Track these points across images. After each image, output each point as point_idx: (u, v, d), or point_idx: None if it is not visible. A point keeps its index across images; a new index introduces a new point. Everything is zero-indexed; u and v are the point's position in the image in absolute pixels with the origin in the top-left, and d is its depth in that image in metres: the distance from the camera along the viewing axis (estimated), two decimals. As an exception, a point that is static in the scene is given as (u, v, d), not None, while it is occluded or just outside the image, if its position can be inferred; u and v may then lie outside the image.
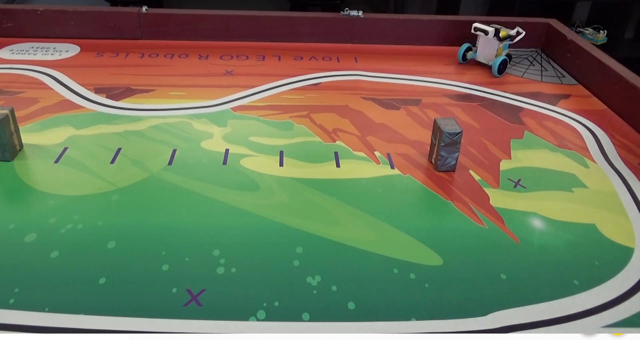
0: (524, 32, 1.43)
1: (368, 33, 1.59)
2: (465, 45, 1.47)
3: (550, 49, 1.59)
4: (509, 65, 1.45)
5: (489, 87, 1.34)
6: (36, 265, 0.73)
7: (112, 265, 0.73)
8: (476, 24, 1.42)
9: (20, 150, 1.00)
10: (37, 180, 0.91)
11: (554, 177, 0.98)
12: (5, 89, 1.23)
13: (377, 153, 1.03)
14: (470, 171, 0.98)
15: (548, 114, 1.23)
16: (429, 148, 1.01)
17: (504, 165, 1.00)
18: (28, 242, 0.77)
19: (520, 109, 1.24)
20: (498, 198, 0.90)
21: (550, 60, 1.55)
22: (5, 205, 0.87)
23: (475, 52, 1.46)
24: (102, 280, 0.70)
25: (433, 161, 0.98)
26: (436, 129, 0.97)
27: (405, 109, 1.21)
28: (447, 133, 0.93)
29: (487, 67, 1.46)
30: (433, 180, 0.95)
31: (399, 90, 1.31)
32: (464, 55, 1.47)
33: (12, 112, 0.97)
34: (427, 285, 0.72)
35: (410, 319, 0.67)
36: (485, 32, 1.40)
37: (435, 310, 0.68)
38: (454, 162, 0.96)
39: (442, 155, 0.95)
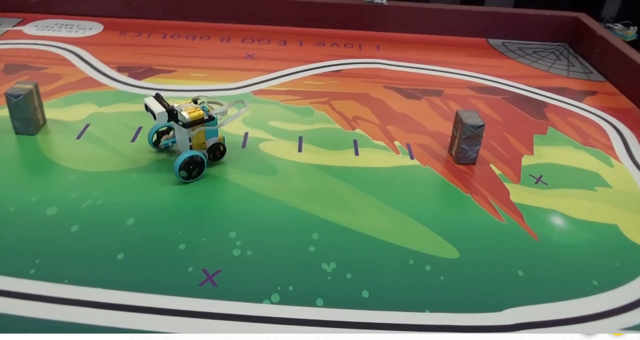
0: (243, 110, 0.89)
1: (391, 21, 1.57)
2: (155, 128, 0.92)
3: (577, 44, 1.56)
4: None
5: (513, 81, 1.32)
6: (57, 238, 0.74)
7: (131, 241, 0.74)
8: (146, 101, 0.85)
9: (43, 125, 1.00)
10: (59, 155, 0.92)
11: (576, 174, 0.96)
12: (30, 64, 1.24)
13: (396, 143, 1.02)
14: (491, 165, 0.97)
15: (573, 110, 1.21)
16: (449, 140, 1.00)
17: (526, 160, 0.99)
18: (49, 215, 0.78)
19: (545, 104, 1.22)
20: (518, 193, 0.89)
21: (577, 55, 1.52)
22: (28, 178, 0.88)
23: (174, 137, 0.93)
24: (121, 256, 0.71)
25: (453, 153, 0.97)
26: (458, 121, 0.95)
27: (426, 99, 1.20)
28: (469, 125, 0.92)
29: (512, 60, 1.43)
30: (452, 173, 0.94)
31: (421, 80, 1.30)
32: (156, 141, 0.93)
33: (36, 87, 0.98)
34: (442, 277, 0.71)
35: (424, 311, 0.66)
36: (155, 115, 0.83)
37: (449, 303, 0.68)
38: (475, 155, 0.95)
39: (463, 148, 0.94)
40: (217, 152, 0.91)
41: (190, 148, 0.87)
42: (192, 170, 0.86)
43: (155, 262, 0.71)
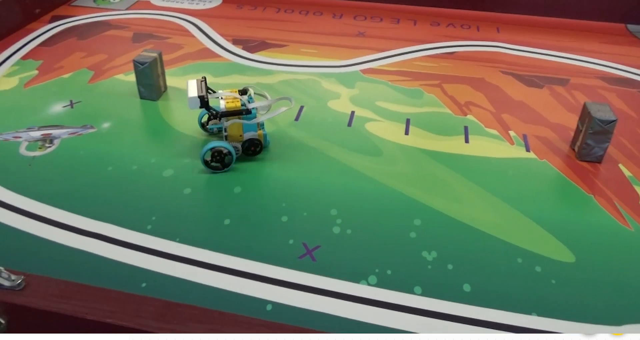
0: (284, 108, 0.85)
1: (514, 2, 1.46)
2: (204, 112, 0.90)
3: None
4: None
5: (652, 73, 1.18)
6: (171, 198, 0.78)
7: (237, 208, 0.77)
8: (188, 83, 0.85)
9: (164, 91, 1.07)
10: (177, 121, 0.98)
11: None
12: (155, 34, 1.32)
13: (511, 133, 0.96)
14: (620, 165, 0.87)
15: None
16: (572, 134, 0.92)
17: (662, 163, 0.88)
18: (166, 176, 0.83)
19: (690, 101, 1.08)
20: (649, 199, 0.80)
21: None
22: (149, 140, 0.94)
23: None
24: (227, 221, 0.74)
25: (576, 149, 0.89)
26: (585, 114, 0.87)
27: (549, 88, 1.11)
28: (599, 120, 0.84)
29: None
30: (574, 170, 0.86)
31: (544, 66, 1.20)
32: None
33: (160, 55, 1.04)
34: (554, 281, 0.66)
35: (530, 314, 0.62)
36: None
37: (560, 309, 0.63)
38: (602, 152, 0.87)
39: (589, 144, 0.86)
40: (252, 148, 0.85)
41: (225, 138, 0.85)
42: (219, 161, 0.83)
43: (258, 230, 0.73)
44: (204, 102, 0.82)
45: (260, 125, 0.87)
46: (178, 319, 0.52)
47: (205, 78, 0.85)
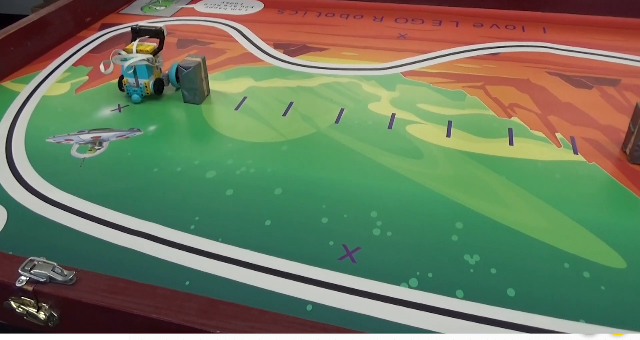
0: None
1: (561, 0, 1.42)
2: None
3: None
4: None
5: None
6: (214, 199, 0.80)
7: (277, 210, 0.78)
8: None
9: (207, 95, 1.09)
10: (220, 124, 1.00)
11: None
12: (199, 39, 1.36)
13: (558, 135, 0.93)
14: (675, 168, 0.83)
15: None
16: (623, 136, 0.88)
17: None
18: (209, 177, 0.85)
19: None
20: None
21: None
22: (193, 143, 0.96)
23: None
24: (268, 222, 0.75)
25: (628, 151, 0.86)
26: (637, 115, 0.83)
27: (598, 88, 1.07)
28: (652, 120, 0.80)
29: None
30: (625, 173, 0.83)
31: (593, 67, 1.16)
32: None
33: (204, 60, 1.06)
34: (603, 287, 0.64)
35: (578, 320, 0.60)
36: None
37: (609, 317, 0.60)
38: (655, 155, 0.83)
39: (641, 146, 0.83)
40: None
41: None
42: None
43: (299, 232, 0.74)
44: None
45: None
46: (220, 315, 0.53)
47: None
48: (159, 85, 1.08)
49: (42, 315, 0.57)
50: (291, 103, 1.06)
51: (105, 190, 0.82)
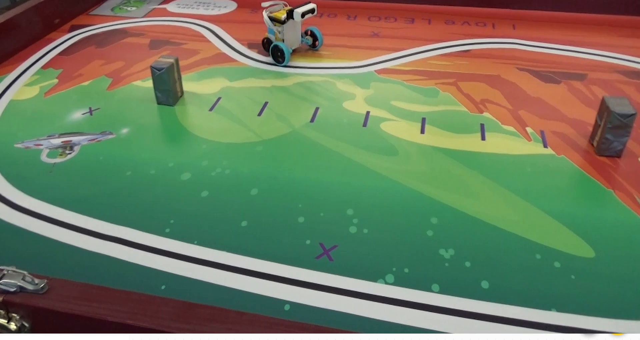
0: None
1: (530, -2, 1.45)
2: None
3: None
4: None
5: (673, 65, 1.15)
6: (189, 201, 0.79)
7: (254, 210, 0.77)
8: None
9: (181, 96, 1.08)
10: (194, 125, 0.99)
11: None
12: (171, 40, 1.34)
13: (528, 129, 0.95)
14: (640, 159, 0.86)
15: None
16: (591, 129, 0.90)
17: (684, 156, 0.86)
18: (183, 180, 0.84)
19: None
20: (672, 193, 0.78)
21: None
22: (166, 145, 0.96)
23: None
24: (244, 223, 0.75)
25: (595, 144, 0.88)
26: (604, 109, 0.86)
27: (566, 83, 1.09)
28: (617, 114, 0.82)
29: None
30: (592, 165, 0.85)
31: (561, 62, 1.18)
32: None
33: (176, 61, 1.05)
34: (573, 276, 0.65)
35: (549, 309, 0.61)
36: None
37: (580, 305, 0.62)
38: (621, 147, 0.85)
39: (608, 139, 0.85)
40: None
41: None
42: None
43: (276, 232, 0.74)
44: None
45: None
46: (197, 319, 0.53)
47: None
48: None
49: (12, 326, 0.56)
50: (266, 103, 1.05)
51: (77, 196, 0.81)
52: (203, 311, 0.54)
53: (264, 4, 1.21)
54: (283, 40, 1.19)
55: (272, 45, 1.19)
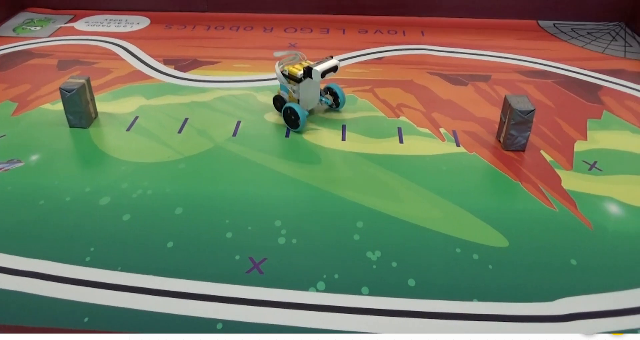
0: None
1: (437, 5, 1.53)
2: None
3: (636, 23, 1.47)
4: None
5: (565, 64, 1.26)
6: (110, 226, 0.76)
7: (179, 230, 0.76)
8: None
9: (95, 118, 1.04)
10: (111, 147, 0.95)
11: (634, 160, 0.91)
12: (81, 59, 1.29)
13: (442, 130, 1.00)
14: (542, 151, 0.93)
15: (631, 93, 1.14)
16: (497, 126, 0.97)
17: (579, 146, 0.95)
18: (102, 204, 0.81)
19: (600, 87, 1.16)
20: (571, 180, 0.86)
21: (635, 35, 1.44)
22: (82, 169, 0.91)
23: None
24: (170, 244, 0.73)
25: (502, 140, 0.94)
26: (506, 107, 0.92)
27: (473, 85, 1.17)
28: (519, 111, 0.89)
29: (564, 42, 1.37)
30: (501, 160, 0.91)
31: (468, 65, 1.26)
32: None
33: (88, 81, 1.01)
34: (490, 266, 0.70)
35: (471, 300, 0.65)
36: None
37: (499, 293, 0.66)
38: (524, 141, 0.92)
39: (512, 134, 0.91)
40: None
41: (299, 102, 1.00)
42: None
43: (203, 250, 0.73)
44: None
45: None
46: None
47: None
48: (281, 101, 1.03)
49: None
50: (186, 119, 1.04)
51: (-16, 230, 0.76)
52: None
53: (277, 54, 1.04)
54: (298, 101, 0.99)
55: (284, 106, 0.99)
